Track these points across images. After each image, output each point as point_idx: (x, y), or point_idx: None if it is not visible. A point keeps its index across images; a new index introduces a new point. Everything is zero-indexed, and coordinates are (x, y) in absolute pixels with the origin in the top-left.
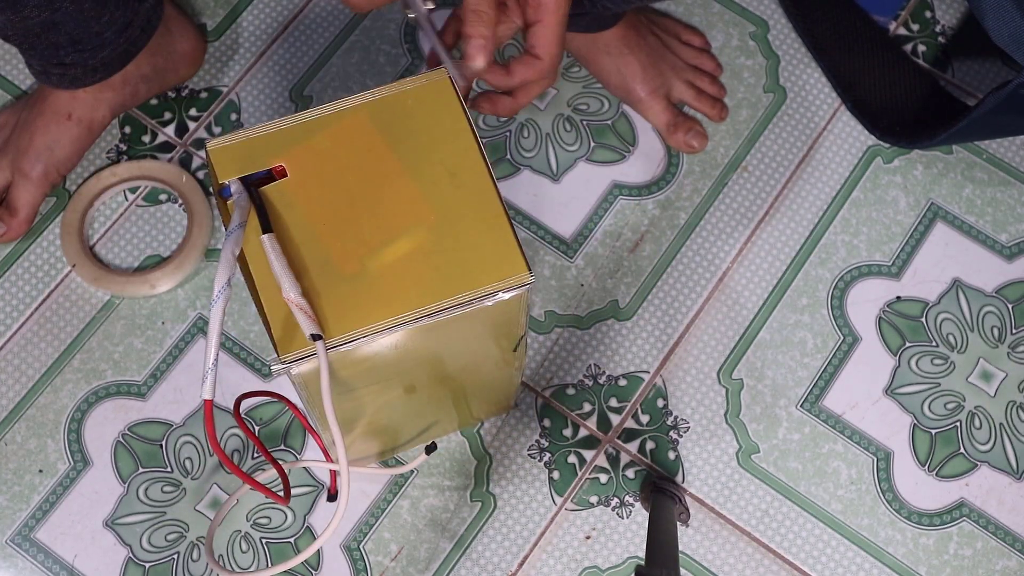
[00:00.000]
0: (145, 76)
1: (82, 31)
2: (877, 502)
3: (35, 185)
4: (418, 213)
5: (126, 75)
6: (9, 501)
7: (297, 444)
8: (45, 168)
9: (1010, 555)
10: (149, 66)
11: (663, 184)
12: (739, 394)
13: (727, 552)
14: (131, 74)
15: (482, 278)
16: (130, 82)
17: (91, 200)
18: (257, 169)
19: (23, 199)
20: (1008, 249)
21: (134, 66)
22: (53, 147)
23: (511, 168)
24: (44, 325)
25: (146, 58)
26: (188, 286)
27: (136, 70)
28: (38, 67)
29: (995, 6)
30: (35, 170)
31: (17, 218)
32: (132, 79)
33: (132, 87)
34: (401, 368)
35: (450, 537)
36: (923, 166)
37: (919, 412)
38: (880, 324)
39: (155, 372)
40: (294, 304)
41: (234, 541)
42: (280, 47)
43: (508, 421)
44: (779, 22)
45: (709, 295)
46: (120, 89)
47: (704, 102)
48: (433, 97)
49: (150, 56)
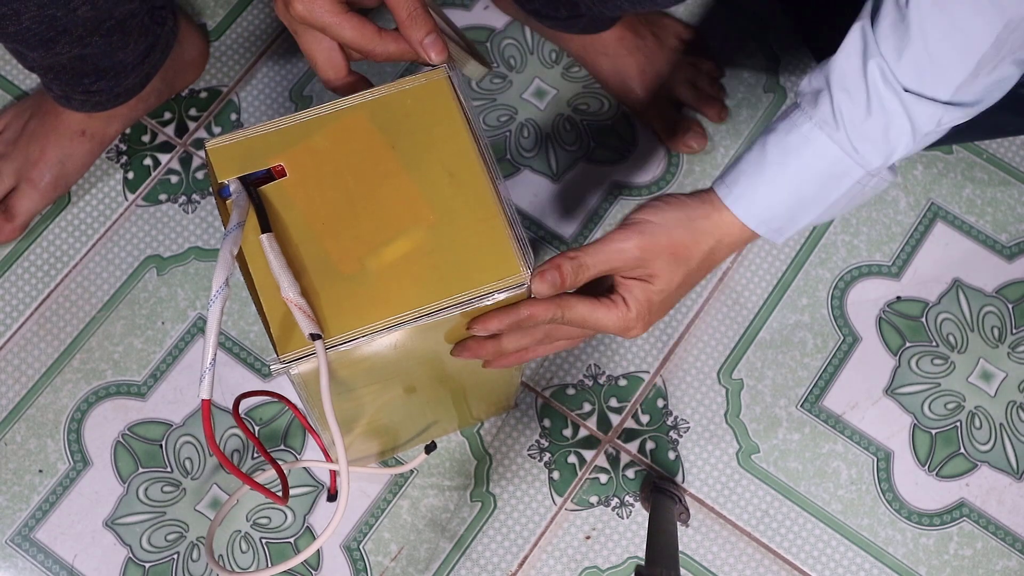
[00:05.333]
0: (157, 90)
1: (108, 61)
2: (877, 502)
3: (40, 195)
4: (417, 213)
5: (142, 93)
6: (9, 501)
7: (297, 444)
8: (55, 180)
9: (1010, 555)
10: (161, 80)
11: (663, 184)
12: (739, 394)
13: (727, 552)
14: (146, 92)
15: (481, 277)
16: (144, 99)
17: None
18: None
19: (24, 206)
20: (1008, 249)
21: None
22: (65, 161)
23: (511, 168)
24: (44, 325)
25: (159, 74)
26: (188, 286)
27: (150, 87)
28: (59, 92)
29: None
30: (44, 181)
31: (12, 224)
32: (146, 95)
33: (145, 103)
34: (401, 368)
35: (450, 537)
36: (923, 166)
37: (919, 412)
38: (880, 324)
39: (155, 372)
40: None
41: (234, 541)
42: (280, 47)
43: (508, 421)
44: (779, 22)
45: (709, 295)
46: (135, 106)
47: (703, 102)
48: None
49: (162, 71)
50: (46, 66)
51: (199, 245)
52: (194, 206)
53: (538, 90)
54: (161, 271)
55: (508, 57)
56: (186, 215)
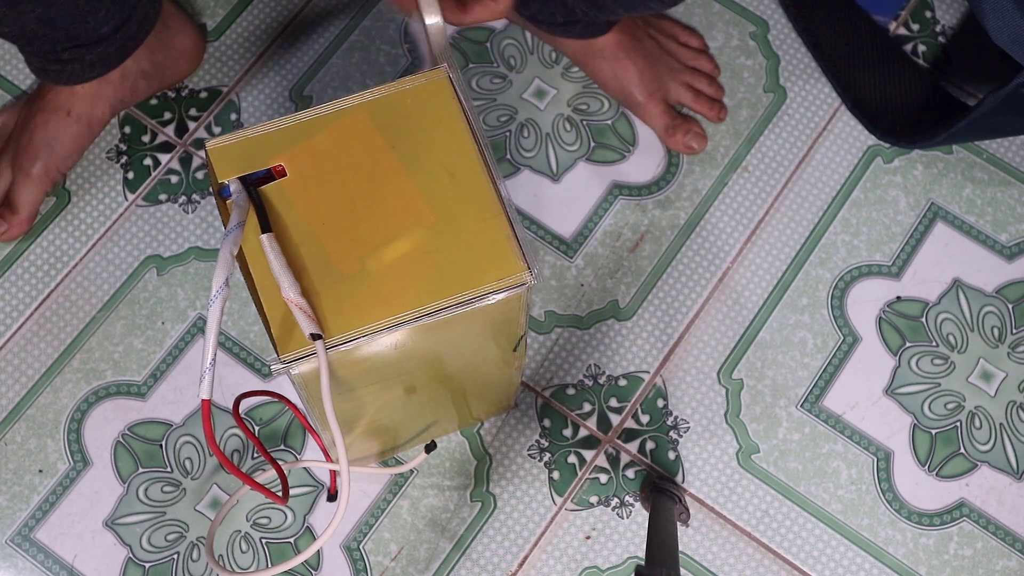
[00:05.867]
0: (144, 72)
1: (78, 27)
2: (877, 502)
3: (36, 183)
4: (417, 213)
5: (125, 71)
6: (9, 501)
7: (297, 444)
8: (45, 165)
9: (1010, 555)
10: (148, 62)
11: (663, 184)
12: (739, 394)
13: (727, 552)
14: (130, 70)
15: (481, 278)
16: (129, 78)
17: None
18: (256, 169)
19: (24, 197)
20: (1008, 249)
21: (132, 62)
22: (53, 144)
23: (511, 168)
24: (44, 325)
25: (144, 54)
26: (188, 286)
27: (135, 66)
28: (37, 64)
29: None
30: (35, 168)
31: (18, 216)
32: (131, 75)
33: (131, 83)
34: (401, 368)
35: (450, 537)
36: (923, 166)
37: (919, 412)
38: (880, 324)
39: (155, 372)
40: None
41: (234, 541)
42: (280, 47)
43: (508, 421)
44: (779, 22)
45: (709, 295)
46: (119, 85)
47: (702, 103)
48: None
49: (149, 52)
50: (18, 32)
51: (199, 245)
52: (194, 206)
53: (538, 90)
54: (161, 271)
55: (508, 57)
56: (186, 215)
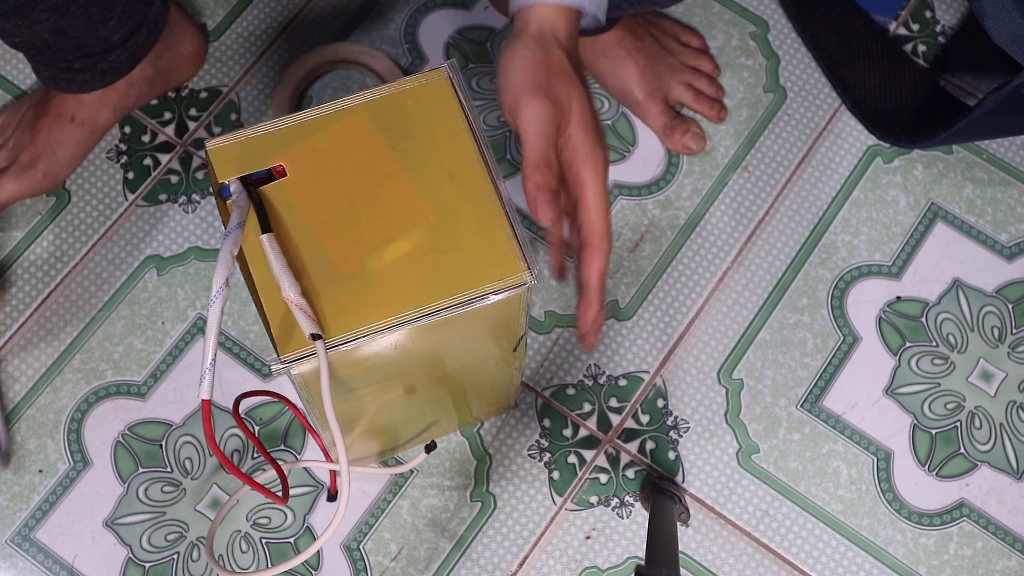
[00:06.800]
0: (149, 78)
1: (90, 36)
2: (877, 502)
3: (28, 180)
4: (417, 213)
5: (131, 78)
6: (9, 501)
7: (297, 444)
8: (45, 169)
9: (1010, 555)
10: (153, 68)
11: (663, 184)
12: (739, 394)
13: (727, 552)
14: (136, 77)
15: (481, 278)
16: (135, 85)
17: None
18: (257, 169)
19: (8, 187)
20: (1008, 249)
21: (139, 69)
22: (55, 148)
23: (511, 168)
24: (44, 325)
25: (150, 60)
26: (188, 286)
27: (141, 73)
28: (47, 73)
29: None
30: (34, 166)
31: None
32: (137, 82)
33: (137, 90)
34: (401, 368)
35: (450, 537)
36: (923, 166)
37: (919, 412)
38: (880, 324)
39: (155, 372)
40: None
41: (234, 541)
42: (280, 47)
43: (508, 421)
44: (779, 22)
45: (709, 295)
46: (125, 92)
47: (702, 103)
48: (432, 97)
49: (154, 58)
50: (29, 42)
51: (199, 245)
52: (194, 206)
53: None
54: (161, 271)
55: None
56: (186, 215)
